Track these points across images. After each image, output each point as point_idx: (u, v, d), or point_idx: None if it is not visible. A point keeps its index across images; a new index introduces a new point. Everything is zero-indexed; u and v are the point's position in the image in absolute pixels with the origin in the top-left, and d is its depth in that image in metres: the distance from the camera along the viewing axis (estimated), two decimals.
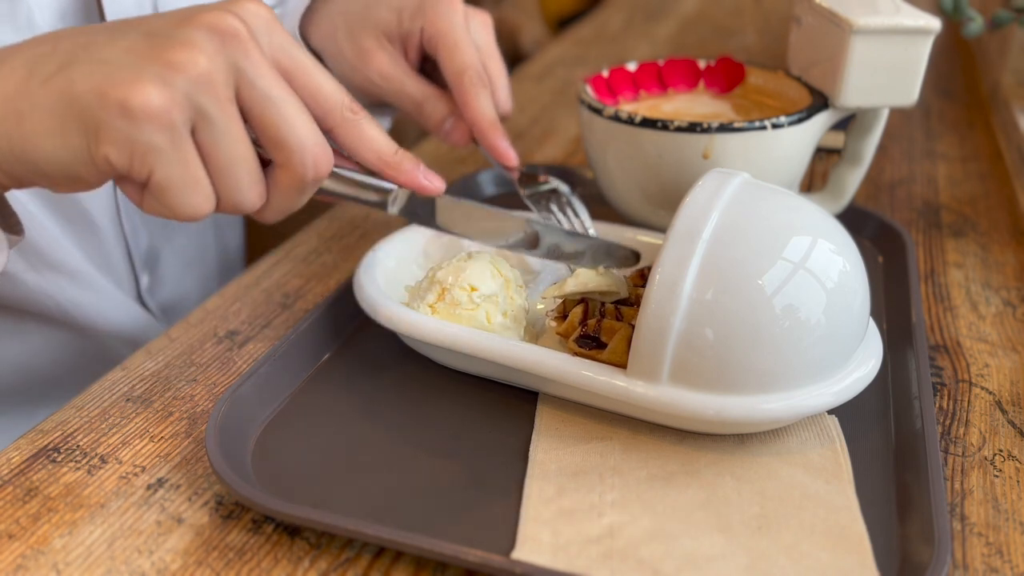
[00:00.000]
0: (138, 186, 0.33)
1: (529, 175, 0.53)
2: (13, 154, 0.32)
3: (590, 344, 0.41)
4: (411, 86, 0.52)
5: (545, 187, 0.52)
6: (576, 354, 0.40)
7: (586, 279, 0.43)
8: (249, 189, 0.34)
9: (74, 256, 0.53)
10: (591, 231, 0.50)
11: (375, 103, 0.56)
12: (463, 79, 0.50)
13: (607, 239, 0.44)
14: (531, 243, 0.41)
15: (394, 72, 0.52)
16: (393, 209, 0.38)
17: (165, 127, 0.31)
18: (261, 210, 0.36)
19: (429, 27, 0.51)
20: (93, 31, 0.33)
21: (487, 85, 0.50)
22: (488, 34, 0.54)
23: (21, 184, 0.34)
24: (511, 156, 0.51)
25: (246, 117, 0.33)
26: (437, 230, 0.39)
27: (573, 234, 0.42)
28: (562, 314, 0.44)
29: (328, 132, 0.36)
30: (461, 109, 0.51)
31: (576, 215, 0.51)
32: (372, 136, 0.36)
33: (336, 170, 0.37)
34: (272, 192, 0.35)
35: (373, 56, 0.52)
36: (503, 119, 0.52)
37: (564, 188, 0.52)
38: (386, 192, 0.38)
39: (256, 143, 0.34)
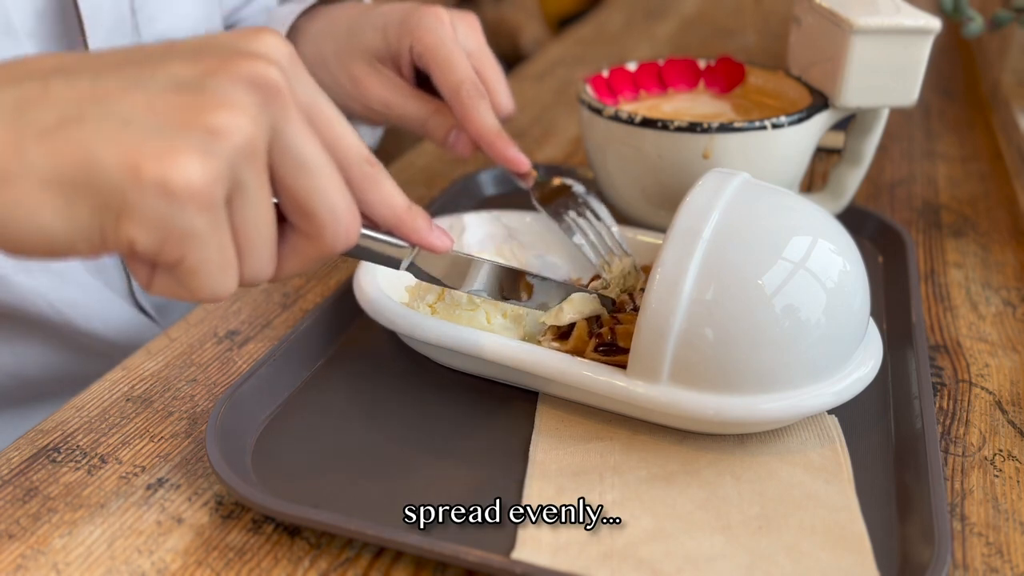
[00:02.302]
0: (152, 266, 0.28)
1: (543, 179, 0.53)
2: None
3: (613, 350, 0.41)
4: (412, 108, 0.52)
5: (558, 189, 0.51)
6: (601, 363, 0.40)
7: (580, 306, 0.43)
8: (269, 261, 0.30)
9: None
10: (614, 229, 0.49)
11: (375, 125, 0.56)
12: (460, 95, 0.49)
13: (584, 291, 0.44)
14: (527, 297, 0.42)
15: (393, 97, 0.52)
16: (404, 266, 0.36)
17: (207, 207, 0.26)
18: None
19: (417, 44, 0.50)
20: (92, 68, 0.27)
21: (485, 95, 0.50)
22: (477, 36, 0.53)
23: None
24: (522, 162, 0.50)
25: (274, 181, 0.29)
26: (442, 286, 0.39)
27: (562, 285, 0.42)
28: (559, 335, 0.43)
29: (346, 180, 0.32)
30: (462, 124, 0.50)
31: (596, 216, 0.50)
32: (389, 191, 0.33)
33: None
34: (289, 259, 0.31)
35: (369, 83, 0.52)
36: (507, 119, 0.52)
37: (579, 188, 0.52)
38: (398, 248, 0.36)
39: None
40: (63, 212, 0.26)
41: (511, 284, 0.41)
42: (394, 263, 0.36)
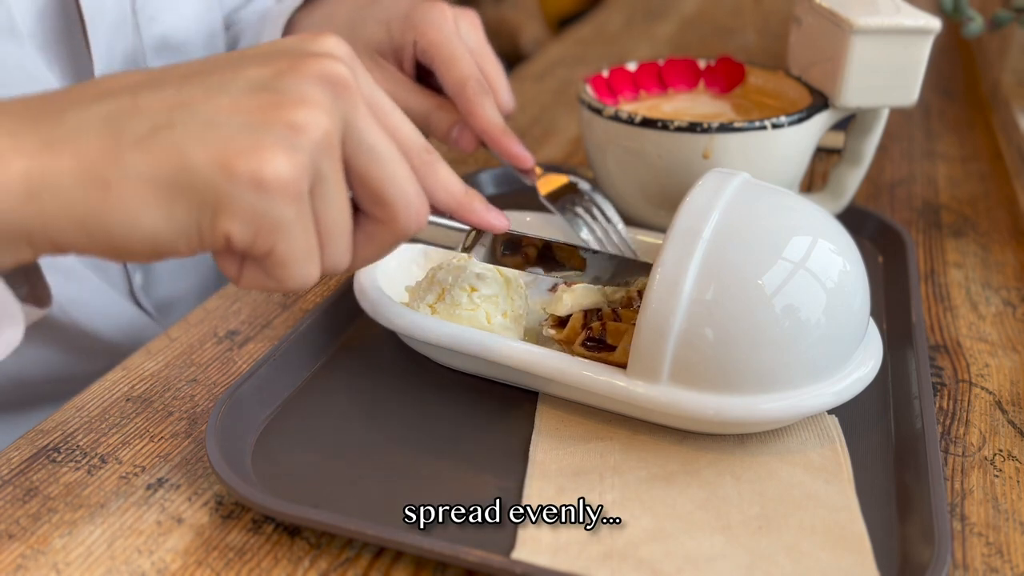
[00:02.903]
0: (241, 259, 0.30)
1: (549, 173, 0.53)
2: (85, 225, 0.27)
3: (597, 347, 0.41)
4: (414, 102, 0.52)
5: (566, 186, 0.52)
6: (585, 358, 0.40)
7: (582, 297, 0.43)
8: (347, 249, 0.31)
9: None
10: (620, 226, 0.50)
11: None
12: (465, 91, 0.50)
13: (635, 258, 0.44)
14: (579, 270, 0.42)
15: (396, 92, 0.52)
16: (462, 248, 0.37)
17: (295, 198, 0.28)
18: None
19: (421, 39, 0.51)
20: (175, 80, 0.29)
21: (489, 92, 0.50)
22: (478, 34, 0.53)
23: (64, 251, 0.29)
24: (527, 158, 0.51)
25: (348, 171, 0.30)
26: (497, 265, 0.40)
27: (613, 257, 0.43)
28: (558, 322, 0.44)
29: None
30: (468, 120, 0.50)
31: (603, 212, 0.50)
32: (446, 177, 0.34)
33: None
34: (364, 246, 0.32)
35: (372, 77, 0.52)
36: (507, 116, 0.52)
37: (585, 185, 0.52)
38: (459, 232, 0.37)
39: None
40: (163, 213, 0.27)
41: (564, 259, 0.42)
42: (453, 245, 0.37)
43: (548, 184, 0.52)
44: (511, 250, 0.41)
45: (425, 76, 0.54)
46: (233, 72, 0.29)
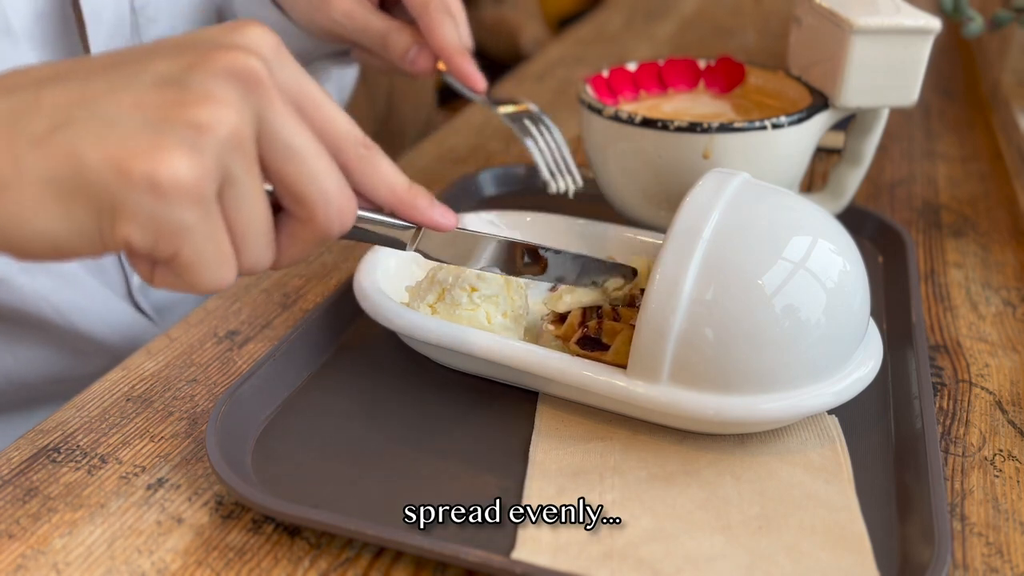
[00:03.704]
0: (152, 261, 0.29)
1: (506, 100, 0.55)
2: None
3: (592, 346, 0.41)
4: (374, 21, 0.53)
5: (519, 108, 0.54)
6: (578, 356, 0.40)
7: (582, 295, 0.43)
8: (266, 249, 0.30)
9: None
10: (565, 150, 0.51)
11: (337, 42, 0.57)
12: (429, 7, 0.50)
13: (601, 259, 0.44)
14: (541, 271, 0.41)
15: (356, 9, 0.52)
16: (410, 247, 0.36)
17: (197, 201, 0.26)
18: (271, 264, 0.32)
19: None
20: (81, 73, 0.28)
21: (451, 15, 0.51)
22: None
23: None
24: (480, 80, 0.52)
25: (265, 169, 0.29)
26: (448, 263, 0.39)
27: (577, 257, 0.42)
28: (558, 318, 0.44)
29: (341, 165, 0.32)
30: (428, 38, 0.51)
31: (550, 132, 0.52)
32: (387, 172, 0.33)
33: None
34: (287, 245, 0.31)
35: None
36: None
37: (534, 107, 0.54)
38: (402, 229, 0.35)
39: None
40: (62, 215, 0.26)
41: (523, 259, 0.41)
42: (399, 244, 0.35)
43: (503, 103, 0.55)
44: (532, 259, 0.41)
45: (389, 8, 0.55)
46: (142, 65, 0.28)
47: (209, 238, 0.28)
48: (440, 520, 0.35)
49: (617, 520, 0.35)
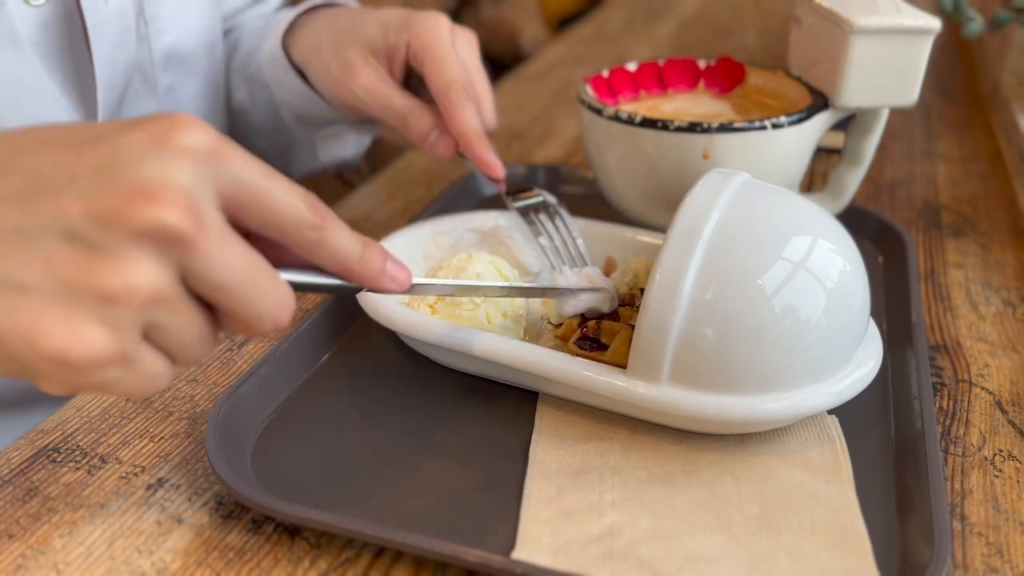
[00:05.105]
0: None
1: (519, 189, 0.54)
2: None
3: (590, 346, 0.41)
4: (396, 100, 0.52)
5: (534, 200, 0.52)
6: (577, 356, 0.40)
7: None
8: (204, 350, 0.30)
9: None
10: (579, 241, 0.50)
11: (360, 118, 0.56)
12: (450, 92, 0.50)
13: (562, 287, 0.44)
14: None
15: (379, 87, 0.52)
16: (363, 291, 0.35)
17: (116, 363, 0.27)
18: None
19: (415, 41, 0.51)
20: None
21: (473, 99, 0.51)
22: (473, 52, 0.54)
23: None
24: (498, 167, 0.51)
25: (197, 295, 0.28)
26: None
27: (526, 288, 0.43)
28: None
29: (288, 249, 0.31)
30: (447, 122, 0.51)
31: (565, 226, 0.51)
32: (336, 249, 0.31)
33: (302, 280, 0.33)
34: (224, 331, 0.31)
35: (359, 71, 0.52)
36: (489, 135, 0.53)
37: (551, 199, 0.53)
38: (353, 288, 0.34)
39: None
40: None
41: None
42: (355, 292, 0.35)
43: (517, 195, 0.53)
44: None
45: (414, 87, 0.54)
46: (56, 204, 0.26)
47: (136, 376, 0.28)
48: (440, 520, 0.35)
49: (617, 520, 0.35)
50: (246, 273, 0.29)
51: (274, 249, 0.30)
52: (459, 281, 0.41)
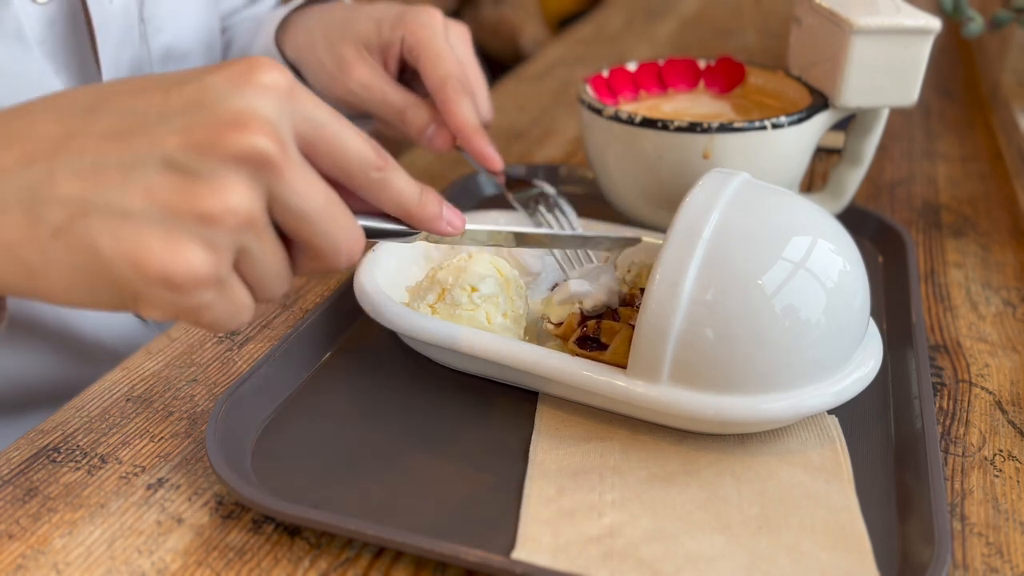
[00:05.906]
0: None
1: (516, 180, 0.54)
2: (20, 292, 0.29)
3: (590, 345, 0.41)
4: (392, 95, 0.52)
5: (533, 191, 0.53)
6: (576, 355, 0.40)
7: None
8: (282, 287, 0.32)
9: None
10: (579, 230, 0.50)
11: (356, 113, 0.57)
12: (446, 87, 0.50)
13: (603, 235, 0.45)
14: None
15: (375, 82, 0.52)
16: (419, 238, 0.37)
17: (211, 286, 0.28)
18: None
19: (410, 37, 0.51)
20: (92, 144, 0.28)
21: (469, 93, 0.51)
22: (467, 46, 0.54)
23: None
24: (496, 160, 0.52)
25: (278, 226, 0.30)
26: (457, 244, 0.40)
27: (574, 237, 0.43)
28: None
29: (353, 190, 0.33)
30: (444, 116, 0.51)
31: (564, 215, 0.51)
32: (397, 191, 0.33)
33: (366, 224, 0.35)
34: (300, 268, 0.32)
35: (353, 67, 0.53)
36: (485, 127, 0.53)
37: (550, 190, 0.53)
38: (411, 233, 0.37)
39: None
40: (88, 294, 0.29)
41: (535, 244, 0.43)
42: (411, 238, 0.37)
43: (516, 187, 0.54)
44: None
45: (409, 81, 0.55)
46: (151, 138, 0.28)
47: (227, 303, 0.29)
48: (440, 520, 0.35)
49: (617, 520, 0.35)
50: (325, 206, 0.30)
51: (339, 193, 0.32)
52: (505, 228, 0.42)
